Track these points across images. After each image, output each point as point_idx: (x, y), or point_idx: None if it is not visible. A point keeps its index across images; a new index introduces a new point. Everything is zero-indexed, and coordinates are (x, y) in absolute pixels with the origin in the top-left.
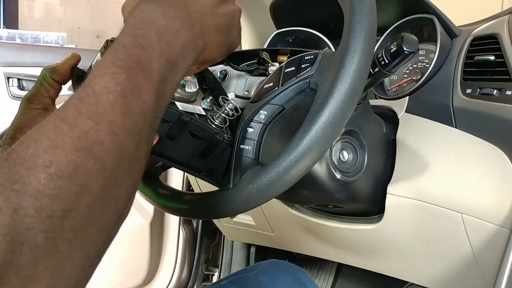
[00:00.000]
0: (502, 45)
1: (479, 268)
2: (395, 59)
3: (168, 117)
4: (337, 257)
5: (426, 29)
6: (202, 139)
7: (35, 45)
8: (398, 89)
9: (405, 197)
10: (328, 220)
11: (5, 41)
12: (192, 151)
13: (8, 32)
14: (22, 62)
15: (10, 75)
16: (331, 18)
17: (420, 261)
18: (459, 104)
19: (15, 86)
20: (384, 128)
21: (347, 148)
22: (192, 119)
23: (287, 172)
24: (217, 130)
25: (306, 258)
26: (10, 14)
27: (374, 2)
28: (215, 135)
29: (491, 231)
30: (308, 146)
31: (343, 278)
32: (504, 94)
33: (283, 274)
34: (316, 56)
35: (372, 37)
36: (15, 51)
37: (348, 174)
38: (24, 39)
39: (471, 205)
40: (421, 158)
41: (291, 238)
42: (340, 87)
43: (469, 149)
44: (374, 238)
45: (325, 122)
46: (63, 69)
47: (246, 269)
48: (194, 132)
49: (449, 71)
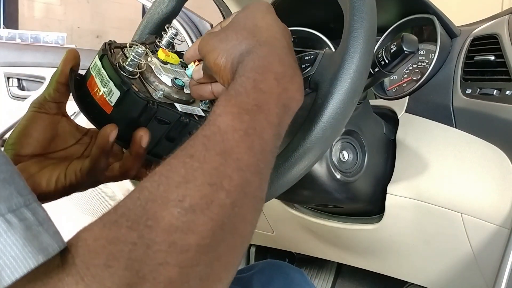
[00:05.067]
0: (502, 45)
1: (479, 268)
2: (395, 59)
3: (168, 119)
4: (337, 257)
5: (426, 29)
6: None
7: (35, 45)
8: (398, 89)
9: (405, 197)
10: (328, 220)
11: (5, 41)
12: None
13: (8, 32)
14: (22, 62)
15: (10, 75)
16: (331, 18)
17: (420, 261)
18: (459, 104)
19: (15, 86)
20: (384, 128)
21: (347, 148)
22: (192, 120)
23: (287, 172)
24: None
25: (306, 258)
26: (10, 14)
27: (374, 2)
28: None
29: (491, 231)
30: (308, 146)
31: (343, 278)
32: (504, 94)
33: (278, 275)
34: (316, 56)
35: (372, 37)
36: (15, 51)
37: (348, 174)
38: (24, 39)
39: (471, 205)
40: (421, 158)
41: (291, 238)
42: (340, 87)
43: (469, 149)
44: (374, 238)
45: (325, 122)
46: (64, 69)
47: (243, 269)
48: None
49: (449, 71)
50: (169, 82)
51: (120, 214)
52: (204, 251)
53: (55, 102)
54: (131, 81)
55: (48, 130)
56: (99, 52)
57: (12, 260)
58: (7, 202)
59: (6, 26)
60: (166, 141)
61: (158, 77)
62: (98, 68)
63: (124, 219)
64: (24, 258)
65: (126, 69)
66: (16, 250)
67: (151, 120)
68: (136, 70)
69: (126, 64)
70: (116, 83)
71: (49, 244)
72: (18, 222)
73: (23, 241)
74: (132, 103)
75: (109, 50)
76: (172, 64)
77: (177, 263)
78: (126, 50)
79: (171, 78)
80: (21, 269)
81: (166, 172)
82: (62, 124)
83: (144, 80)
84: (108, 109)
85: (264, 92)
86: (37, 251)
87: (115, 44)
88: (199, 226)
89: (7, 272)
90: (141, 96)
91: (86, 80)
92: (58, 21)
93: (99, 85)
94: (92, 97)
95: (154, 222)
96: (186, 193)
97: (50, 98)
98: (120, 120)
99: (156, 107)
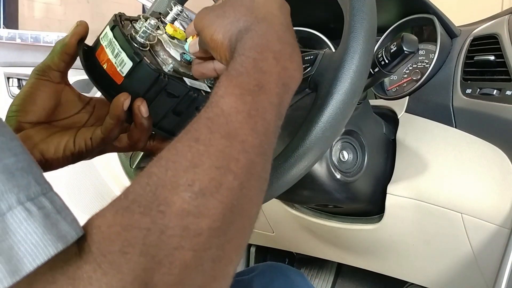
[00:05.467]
0: (502, 45)
1: (479, 268)
2: (395, 59)
3: (177, 92)
4: (337, 257)
5: (426, 29)
6: None
7: (35, 45)
8: (398, 89)
9: (405, 197)
10: (328, 220)
11: (5, 41)
12: None
13: (8, 32)
14: (22, 62)
15: (10, 75)
16: (331, 18)
17: (420, 261)
18: (459, 104)
19: (15, 86)
20: (384, 128)
21: (347, 148)
22: (199, 95)
23: (287, 173)
24: None
25: (306, 258)
26: (10, 14)
27: (374, 2)
28: None
29: (491, 231)
30: (308, 146)
31: (343, 278)
32: (504, 94)
33: (278, 277)
34: (316, 56)
35: (372, 37)
36: (15, 51)
37: (348, 174)
38: (24, 39)
39: (471, 205)
40: (421, 158)
41: (291, 238)
42: (340, 88)
43: (469, 149)
44: (374, 238)
45: (325, 123)
46: (72, 41)
47: (244, 272)
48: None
49: (449, 71)
50: (178, 57)
51: (131, 200)
52: (216, 234)
53: (59, 71)
54: (143, 52)
55: (52, 98)
56: (109, 23)
57: (33, 247)
58: (26, 190)
59: (6, 26)
60: (173, 115)
61: (167, 51)
62: (109, 39)
63: (136, 205)
64: (44, 245)
65: (137, 40)
66: (37, 238)
67: (160, 93)
68: (147, 42)
69: (138, 35)
70: (128, 53)
71: (67, 232)
72: (37, 210)
73: (42, 229)
74: (143, 75)
75: (120, 21)
76: (179, 40)
77: (191, 247)
78: (137, 23)
79: (180, 53)
80: (42, 256)
81: (173, 157)
82: (65, 92)
83: (154, 53)
84: (119, 80)
85: (264, 72)
86: (56, 238)
87: (125, 16)
88: (210, 210)
89: (29, 259)
90: (153, 68)
91: (95, 50)
92: (58, 21)
93: (109, 55)
94: (101, 67)
95: (166, 207)
96: (195, 177)
97: (55, 67)
98: (130, 91)
99: (167, 79)
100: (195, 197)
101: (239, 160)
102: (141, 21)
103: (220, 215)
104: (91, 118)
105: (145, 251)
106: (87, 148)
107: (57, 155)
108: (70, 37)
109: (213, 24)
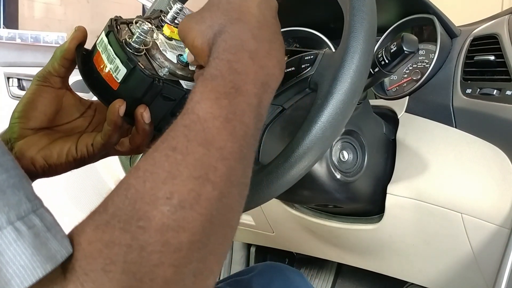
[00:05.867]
0: (502, 45)
1: (479, 268)
2: (395, 59)
3: (173, 96)
4: (337, 257)
5: (426, 29)
6: None
7: (35, 45)
8: (398, 89)
9: (405, 197)
10: (328, 220)
11: (5, 41)
12: None
13: (8, 32)
14: (22, 62)
15: (10, 75)
16: (331, 18)
17: (420, 261)
18: (459, 104)
19: (15, 86)
20: (384, 128)
21: (347, 148)
22: None
23: (287, 173)
24: None
25: (306, 258)
26: (10, 14)
27: (374, 2)
28: None
29: (491, 231)
30: (308, 146)
31: (343, 278)
32: (504, 94)
33: (277, 277)
34: (316, 56)
35: (372, 37)
36: (15, 51)
37: (348, 174)
38: (24, 39)
39: (471, 205)
40: (421, 158)
41: (291, 238)
42: (340, 88)
43: (469, 149)
44: (374, 238)
45: (325, 123)
46: (71, 46)
47: (243, 272)
48: None
49: (449, 71)
50: (174, 59)
51: (111, 214)
52: (196, 248)
53: (59, 77)
54: (137, 58)
55: (54, 104)
56: (105, 28)
57: (22, 269)
58: (16, 209)
59: (6, 26)
60: (171, 117)
61: (163, 54)
62: (104, 44)
63: (116, 220)
64: (33, 267)
65: (132, 45)
66: (25, 259)
67: (157, 97)
68: (142, 47)
69: (132, 41)
70: (122, 60)
71: (57, 251)
72: (27, 230)
73: (31, 250)
74: (138, 80)
75: (115, 26)
76: (177, 41)
77: (171, 263)
78: (132, 26)
79: (176, 55)
80: (30, 278)
81: (151, 168)
82: (67, 97)
83: (150, 57)
84: (115, 86)
85: (239, 73)
86: (45, 259)
87: (121, 20)
88: (190, 223)
89: (17, 281)
90: (147, 74)
91: (92, 55)
92: (58, 21)
93: (105, 61)
94: (98, 73)
95: (145, 223)
96: (173, 189)
97: (56, 72)
98: (127, 97)
99: (161, 84)
100: (174, 211)
101: (217, 169)
102: (135, 25)
103: (200, 227)
104: (93, 122)
105: (127, 269)
106: (89, 154)
107: (60, 161)
108: (69, 42)
109: (193, 31)
